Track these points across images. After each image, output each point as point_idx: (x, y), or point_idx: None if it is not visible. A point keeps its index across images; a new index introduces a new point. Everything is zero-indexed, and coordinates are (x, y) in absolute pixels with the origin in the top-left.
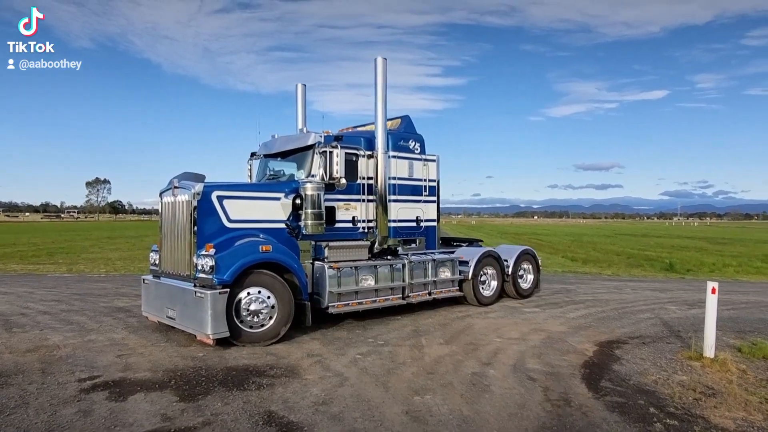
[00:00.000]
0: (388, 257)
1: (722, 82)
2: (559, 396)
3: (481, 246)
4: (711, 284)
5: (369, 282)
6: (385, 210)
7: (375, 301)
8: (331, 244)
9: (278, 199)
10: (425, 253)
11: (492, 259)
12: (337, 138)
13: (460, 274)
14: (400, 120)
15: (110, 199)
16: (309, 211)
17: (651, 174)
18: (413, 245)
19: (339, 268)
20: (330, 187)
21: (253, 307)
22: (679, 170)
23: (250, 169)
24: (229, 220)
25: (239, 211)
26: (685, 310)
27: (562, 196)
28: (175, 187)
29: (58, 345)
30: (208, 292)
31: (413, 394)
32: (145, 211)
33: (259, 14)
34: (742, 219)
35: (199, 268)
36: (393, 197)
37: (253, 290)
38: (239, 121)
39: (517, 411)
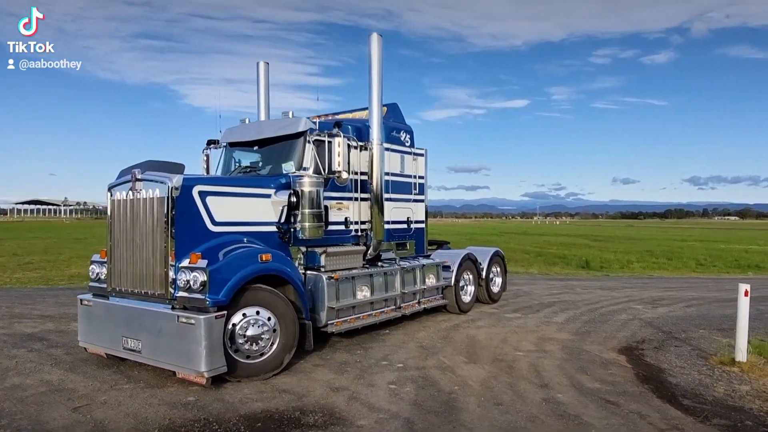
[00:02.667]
0: (379, 264)
1: (573, 95)
2: (666, 425)
3: (450, 248)
4: (743, 286)
5: (365, 293)
6: (381, 210)
7: (371, 315)
8: (329, 250)
9: (268, 196)
10: (414, 258)
11: (470, 262)
12: (338, 124)
13: (443, 281)
14: (386, 108)
15: None
16: (306, 211)
17: (514, 176)
18: (404, 249)
19: (338, 279)
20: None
21: (250, 332)
22: (537, 173)
23: (207, 161)
24: (214, 222)
25: (224, 210)
26: (651, 310)
27: (435, 197)
28: (137, 180)
29: None
30: (201, 317)
31: None
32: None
33: None
34: (590, 218)
35: (181, 284)
36: (386, 195)
37: (250, 311)
38: (101, 111)
39: None
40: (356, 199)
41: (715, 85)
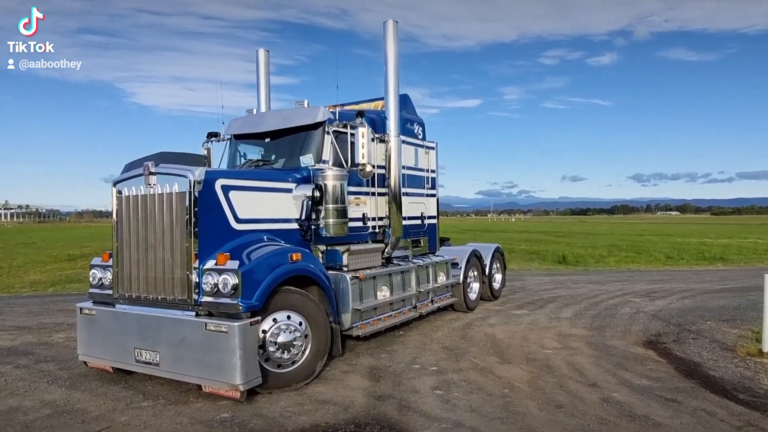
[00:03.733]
0: (395, 262)
1: (523, 95)
2: (738, 421)
3: (452, 245)
4: None
5: (384, 293)
6: (400, 206)
7: (391, 316)
8: (352, 248)
9: (289, 191)
10: (425, 256)
11: (476, 259)
12: (360, 114)
13: (453, 278)
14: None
15: None
16: (331, 206)
17: (467, 175)
18: (419, 246)
19: (363, 279)
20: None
21: (281, 339)
22: (490, 172)
23: (209, 155)
24: (237, 220)
25: (247, 206)
26: (650, 303)
27: None
28: (151, 173)
29: None
30: (235, 324)
31: None
32: None
33: None
34: (542, 214)
35: (207, 288)
36: (403, 190)
37: (281, 316)
38: (40, 110)
39: None
40: (373, 194)
41: (656, 86)
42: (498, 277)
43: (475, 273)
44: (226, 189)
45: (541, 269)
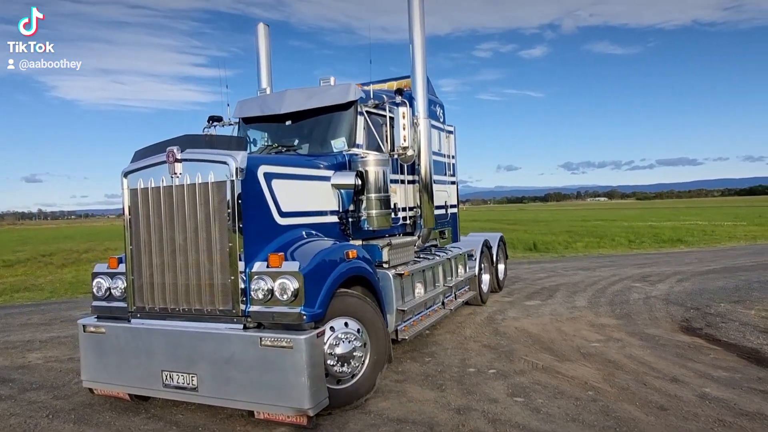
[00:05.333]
0: (422, 255)
1: (459, 86)
2: None
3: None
4: None
5: (419, 291)
6: (431, 194)
7: (426, 314)
8: (394, 242)
9: (327, 179)
10: (444, 248)
11: (486, 249)
12: (399, 92)
13: (470, 270)
14: (411, 80)
15: None
16: (373, 196)
17: None
18: (444, 237)
19: (407, 276)
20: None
21: (340, 350)
22: None
23: None
24: (281, 213)
25: (289, 197)
26: (652, 286)
27: None
28: (176, 160)
29: None
30: (302, 336)
31: None
32: None
33: None
34: (480, 203)
35: (258, 295)
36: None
37: (338, 323)
38: None
39: None
40: (402, 181)
41: (584, 78)
42: (501, 267)
43: (486, 264)
44: (268, 177)
45: (517, 258)
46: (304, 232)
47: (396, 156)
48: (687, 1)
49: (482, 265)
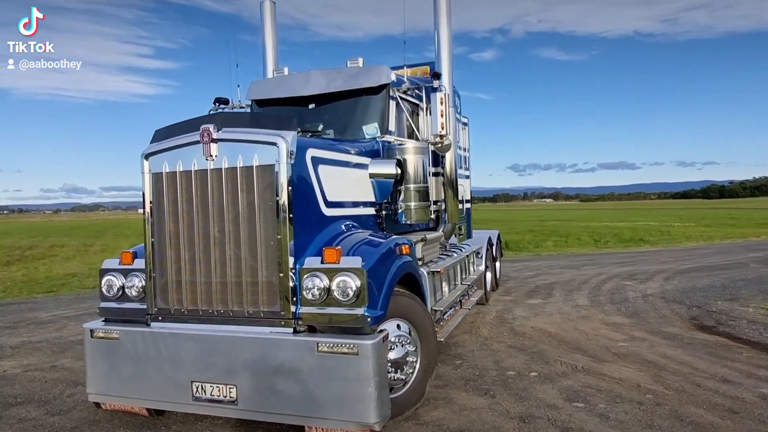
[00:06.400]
0: (443, 253)
1: None
2: None
3: None
4: None
5: (445, 289)
6: (456, 188)
7: (451, 315)
8: (429, 236)
9: (365, 167)
10: (463, 245)
11: (489, 246)
12: (436, 75)
13: (478, 268)
14: (428, 67)
15: None
16: (412, 187)
17: None
18: (461, 233)
19: (441, 274)
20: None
21: (394, 355)
22: None
23: None
24: (327, 203)
25: (333, 185)
26: (643, 284)
27: None
28: (213, 140)
29: None
30: (368, 342)
31: None
32: None
33: None
34: None
35: (314, 294)
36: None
37: (391, 325)
38: None
39: None
40: (429, 173)
41: (531, 83)
42: (498, 265)
43: (489, 262)
44: (315, 162)
45: None
46: (344, 225)
47: (431, 145)
48: (628, 12)
49: (487, 263)
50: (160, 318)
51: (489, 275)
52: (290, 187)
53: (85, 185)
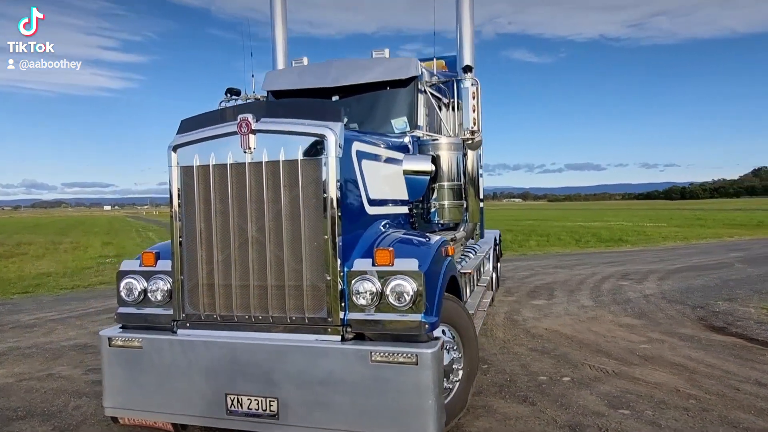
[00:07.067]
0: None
1: None
2: None
3: None
4: None
5: (468, 291)
6: (478, 187)
7: (473, 317)
8: (458, 236)
9: (399, 162)
10: (476, 245)
11: (494, 245)
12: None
13: (488, 269)
14: (443, 62)
15: None
16: (446, 185)
17: None
18: (476, 233)
19: (466, 275)
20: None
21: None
22: None
23: None
24: (369, 201)
25: (374, 182)
26: (639, 285)
27: None
28: (252, 131)
29: None
30: (428, 350)
31: None
32: None
33: None
34: None
35: (366, 299)
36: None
37: (437, 332)
38: None
39: None
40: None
41: (501, 84)
42: (499, 265)
43: (493, 262)
44: (359, 156)
45: None
46: (383, 225)
47: (470, 140)
48: (596, 16)
49: (493, 264)
50: (188, 324)
51: (494, 275)
52: (339, 183)
53: (46, 181)
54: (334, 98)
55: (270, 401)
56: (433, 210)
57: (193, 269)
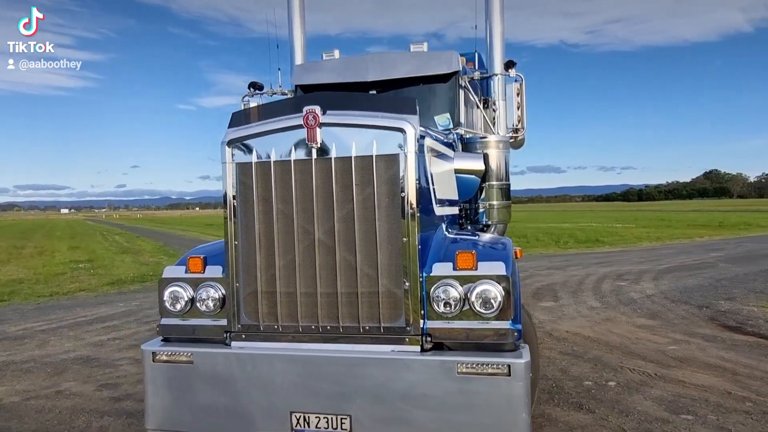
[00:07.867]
0: None
1: None
2: None
3: None
4: None
5: None
6: (508, 186)
7: None
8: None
9: (451, 160)
10: None
11: None
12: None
13: None
14: (464, 59)
15: None
16: (496, 185)
17: None
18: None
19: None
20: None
21: None
22: None
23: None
24: (437, 201)
25: (439, 181)
26: (637, 285)
27: (215, 187)
28: (320, 125)
29: None
30: (520, 361)
31: None
32: None
33: None
34: None
35: (449, 306)
36: None
37: None
38: None
39: None
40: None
41: None
42: None
43: None
44: (430, 153)
45: None
46: (446, 226)
47: (515, 138)
48: (555, 22)
49: None
50: (243, 336)
51: None
52: (417, 181)
53: None
54: (372, 92)
55: (342, 419)
56: (481, 210)
57: (251, 275)
